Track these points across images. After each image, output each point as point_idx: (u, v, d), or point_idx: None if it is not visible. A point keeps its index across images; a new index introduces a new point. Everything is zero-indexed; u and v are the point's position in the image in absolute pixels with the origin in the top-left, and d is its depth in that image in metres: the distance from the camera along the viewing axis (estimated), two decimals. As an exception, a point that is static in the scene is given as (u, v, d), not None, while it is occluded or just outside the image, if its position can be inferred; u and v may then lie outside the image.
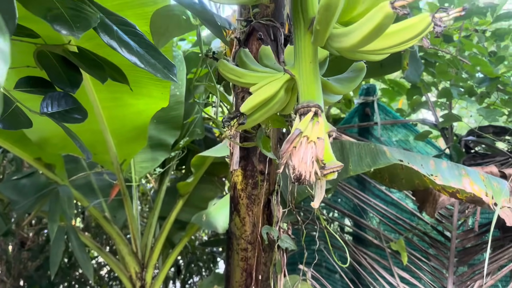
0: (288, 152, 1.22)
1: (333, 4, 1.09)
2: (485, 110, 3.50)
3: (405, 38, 1.18)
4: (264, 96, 1.39)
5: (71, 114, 1.61)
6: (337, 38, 1.22)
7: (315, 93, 1.30)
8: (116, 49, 1.14)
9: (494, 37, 4.13)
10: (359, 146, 2.95)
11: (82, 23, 1.01)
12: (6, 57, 0.53)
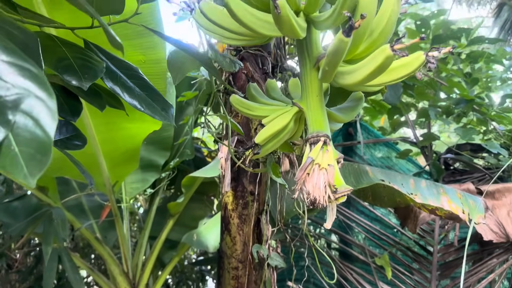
0: (302, 179, 1.35)
1: (340, 50, 1.23)
2: (462, 130, 3.70)
3: (402, 74, 1.33)
4: (276, 128, 1.51)
5: (71, 141, 1.71)
6: (342, 75, 1.36)
7: (323, 124, 1.43)
8: (119, 94, 1.25)
9: (469, 59, 4.36)
10: (343, 165, 3.10)
11: (90, 74, 1.12)
12: (55, 115, 0.65)
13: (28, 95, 0.63)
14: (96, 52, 1.35)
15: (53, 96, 0.65)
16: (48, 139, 0.62)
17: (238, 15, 1.21)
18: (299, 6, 1.34)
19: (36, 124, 0.62)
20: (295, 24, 1.20)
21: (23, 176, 0.59)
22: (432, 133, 3.90)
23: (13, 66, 0.66)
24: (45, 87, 0.65)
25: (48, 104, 0.64)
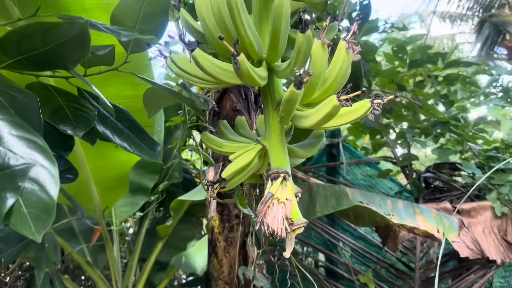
0: (262, 212, 1.48)
1: (293, 100, 1.39)
2: (439, 150, 3.87)
3: (351, 119, 1.50)
4: (242, 163, 1.65)
5: (64, 175, 1.83)
6: (299, 118, 1.51)
7: (283, 161, 1.57)
8: (110, 137, 1.39)
9: (445, 82, 4.57)
10: (325, 188, 3.25)
11: (84, 123, 1.25)
12: (57, 181, 0.78)
13: (34, 164, 0.76)
14: (89, 99, 1.49)
15: (55, 164, 0.79)
16: (52, 202, 0.76)
17: (205, 67, 1.37)
18: (262, 56, 1.50)
19: (41, 190, 0.75)
20: (255, 76, 1.36)
21: (31, 234, 0.72)
22: (410, 153, 4.07)
23: (21, 139, 0.79)
24: (49, 157, 0.78)
25: (51, 172, 0.77)
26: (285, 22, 1.40)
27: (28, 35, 0.98)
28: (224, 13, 1.43)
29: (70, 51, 1.06)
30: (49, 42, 0.98)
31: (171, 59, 1.46)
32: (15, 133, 0.80)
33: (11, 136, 0.79)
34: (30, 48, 0.99)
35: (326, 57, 1.45)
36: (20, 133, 0.80)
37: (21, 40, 0.98)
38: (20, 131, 0.81)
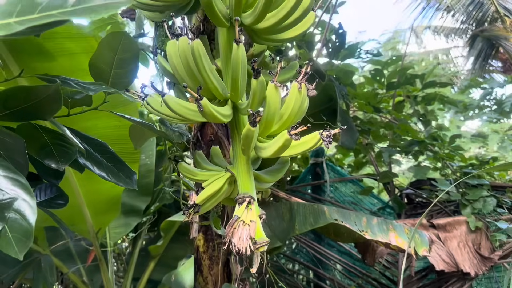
0: (230, 233, 1.69)
1: (250, 136, 1.61)
2: (415, 168, 4.07)
3: (304, 149, 1.72)
4: (213, 190, 1.86)
5: (55, 201, 2.03)
6: (259, 149, 1.73)
7: (249, 187, 1.78)
8: (90, 169, 1.60)
9: (424, 101, 4.79)
10: (304, 206, 3.44)
11: (66, 158, 1.46)
12: (35, 211, 0.98)
13: (17, 198, 0.97)
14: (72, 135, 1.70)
15: (34, 197, 1.00)
16: (31, 228, 0.96)
17: (174, 109, 1.59)
18: (226, 96, 1.72)
19: (22, 218, 0.96)
20: (218, 115, 1.58)
21: (15, 253, 0.93)
22: (388, 172, 4.27)
23: (7, 179, 1.00)
24: (29, 192, 0.99)
25: (31, 204, 0.98)
26: (242, 69, 1.63)
27: (12, 96, 1.20)
28: (191, 62, 1.65)
29: (46, 106, 1.28)
30: (29, 101, 1.21)
31: (146, 102, 1.69)
32: (2, 174, 1.01)
33: None
34: (14, 105, 1.21)
35: (279, 97, 1.68)
36: (6, 173, 1.01)
37: (6, 100, 1.20)
38: (7, 172, 1.02)
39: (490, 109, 11.71)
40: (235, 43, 1.57)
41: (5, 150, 1.18)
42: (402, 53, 5.28)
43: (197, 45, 1.58)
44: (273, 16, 1.72)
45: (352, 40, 20.16)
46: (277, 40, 1.89)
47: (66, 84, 1.28)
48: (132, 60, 1.61)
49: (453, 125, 9.56)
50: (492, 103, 11.99)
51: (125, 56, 1.58)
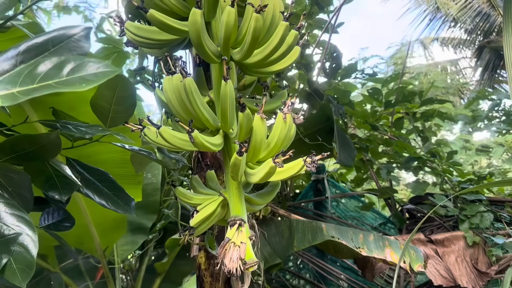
0: (222, 254, 1.81)
1: (237, 164, 1.73)
2: (413, 184, 4.15)
3: (289, 174, 1.84)
4: (206, 213, 1.99)
5: (62, 224, 2.17)
6: (249, 175, 1.85)
7: (240, 210, 1.91)
8: (91, 197, 1.74)
9: (423, 118, 4.88)
10: (303, 224, 3.54)
11: (68, 189, 1.60)
12: (37, 245, 1.11)
13: (21, 233, 1.10)
14: (75, 166, 1.85)
15: (36, 232, 1.13)
16: (33, 260, 1.10)
17: (169, 140, 1.73)
18: (218, 126, 1.86)
19: (26, 251, 1.09)
20: (208, 145, 1.71)
21: (19, 283, 1.06)
22: (387, 187, 4.36)
23: (13, 216, 1.14)
24: (32, 228, 1.13)
25: (33, 238, 1.11)
26: (231, 103, 1.76)
27: (19, 142, 1.35)
28: (184, 97, 1.79)
29: (48, 150, 1.42)
30: (33, 145, 1.35)
31: (144, 133, 1.83)
32: (9, 211, 1.15)
33: (6, 213, 1.14)
34: (20, 150, 1.36)
35: (265, 128, 1.81)
36: (12, 211, 1.15)
37: (13, 145, 1.35)
38: (13, 210, 1.16)
39: (499, 120, 11.66)
40: (223, 79, 1.71)
41: (12, 186, 1.32)
42: (401, 71, 5.38)
43: (189, 82, 1.72)
44: (259, 52, 1.86)
45: (355, 56, 20.20)
46: (265, 73, 2.03)
47: (66, 129, 1.43)
48: (129, 97, 1.75)
49: (459, 140, 9.55)
50: (501, 113, 11.93)
51: (123, 94, 1.73)
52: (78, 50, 1.08)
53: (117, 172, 2.93)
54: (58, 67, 0.92)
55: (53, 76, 0.89)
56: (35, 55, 1.06)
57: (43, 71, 0.89)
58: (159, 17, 1.73)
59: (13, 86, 0.89)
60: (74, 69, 0.91)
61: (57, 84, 0.88)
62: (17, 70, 0.97)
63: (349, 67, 4.32)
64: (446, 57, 27.96)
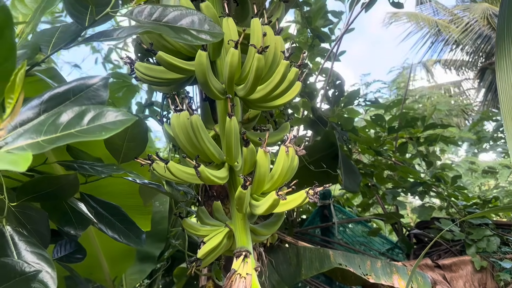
0: (228, 286, 1.86)
1: (242, 197, 1.81)
2: (419, 210, 4.18)
3: (292, 206, 1.91)
4: (213, 245, 2.05)
5: (74, 255, 2.23)
6: (254, 207, 1.92)
7: (246, 241, 1.97)
8: (104, 231, 1.81)
9: (426, 142, 4.94)
10: (311, 251, 3.57)
11: (83, 224, 1.68)
12: (55, 281, 1.18)
13: (41, 271, 1.18)
14: (89, 201, 1.93)
15: (55, 269, 1.20)
16: (52, 295, 1.16)
17: (176, 175, 1.81)
18: (223, 159, 1.94)
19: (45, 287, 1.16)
20: (214, 179, 1.79)
21: (40, 315, 1.12)
22: (393, 213, 4.39)
23: (33, 253, 1.22)
24: (51, 265, 1.20)
25: (52, 275, 1.18)
26: (235, 138, 1.85)
27: (40, 183, 1.44)
28: (190, 133, 1.88)
29: (66, 190, 1.51)
30: (52, 186, 1.44)
31: (153, 168, 1.91)
32: (30, 249, 1.22)
33: (26, 251, 1.21)
34: (41, 190, 1.45)
35: (268, 161, 1.89)
36: (33, 249, 1.23)
37: (35, 185, 1.44)
38: (33, 248, 1.23)
39: (504, 140, 11.68)
40: (228, 116, 1.80)
41: (31, 223, 1.40)
42: (403, 96, 5.48)
43: (196, 120, 1.81)
44: (262, 89, 1.96)
45: (357, 80, 20.34)
46: (268, 107, 2.12)
47: (82, 169, 1.52)
48: (141, 134, 1.85)
49: (465, 162, 9.56)
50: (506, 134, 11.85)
51: (135, 131, 1.82)
52: (97, 99, 1.17)
53: (127, 202, 3.01)
54: (79, 116, 1.00)
55: (75, 125, 0.97)
56: (57, 104, 1.15)
57: (65, 120, 0.97)
58: (167, 59, 1.84)
59: (38, 135, 0.97)
60: (94, 118, 1.00)
61: (79, 132, 0.96)
62: (42, 120, 1.05)
63: (351, 94, 4.42)
64: (449, 79, 28.07)
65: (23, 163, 0.80)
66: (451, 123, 16.73)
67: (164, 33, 1.34)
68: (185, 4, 1.78)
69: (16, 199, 1.40)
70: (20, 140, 1.00)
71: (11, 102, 0.94)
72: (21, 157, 0.82)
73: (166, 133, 2.16)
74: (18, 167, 0.78)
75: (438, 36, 22.65)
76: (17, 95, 0.93)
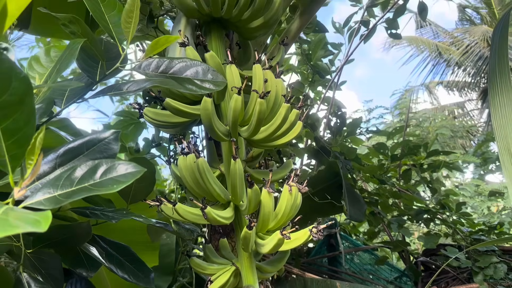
0: None
1: (247, 237, 1.86)
2: (424, 238, 4.19)
3: (296, 244, 1.96)
4: (220, 283, 2.10)
5: (84, 294, 2.27)
6: (259, 246, 1.98)
7: (252, 279, 2.02)
8: (114, 271, 1.86)
9: (430, 168, 4.97)
10: (318, 283, 3.58)
11: (94, 266, 1.74)
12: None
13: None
14: (99, 242, 1.99)
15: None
16: None
17: (183, 216, 1.88)
18: (228, 199, 2.00)
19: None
20: (220, 219, 1.85)
21: None
22: (399, 241, 4.39)
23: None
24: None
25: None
26: (240, 179, 1.92)
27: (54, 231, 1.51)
28: (197, 175, 1.95)
29: (80, 237, 1.58)
30: (66, 234, 1.51)
31: (160, 209, 1.98)
32: None
33: None
34: (55, 237, 1.52)
35: (272, 201, 1.95)
36: None
37: (50, 233, 1.51)
38: None
39: (510, 161, 11.59)
40: (232, 158, 1.88)
41: (45, 268, 1.46)
42: (405, 123, 5.55)
43: (202, 162, 1.89)
44: (265, 130, 2.04)
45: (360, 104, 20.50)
46: (271, 146, 2.20)
47: (94, 215, 1.59)
48: (149, 176, 1.92)
49: (471, 186, 9.53)
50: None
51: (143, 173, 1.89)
52: (108, 152, 1.25)
53: (136, 238, 3.06)
54: (92, 171, 1.08)
55: (88, 179, 1.05)
56: (71, 158, 1.23)
57: (80, 175, 1.05)
58: (174, 105, 1.93)
59: (55, 190, 1.05)
60: (106, 171, 1.07)
61: (92, 186, 1.04)
62: (58, 174, 1.13)
63: (353, 123, 4.49)
64: (452, 100, 28.16)
65: (44, 223, 0.87)
66: (456, 145, 16.79)
67: (170, 86, 1.43)
68: (191, 54, 1.88)
69: (32, 246, 1.46)
70: (39, 195, 1.07)
71: (31, 164, 1.02)
72: (42, 216, 0.89)
73: (173, 173, 2.23)
74: (39, 227, 0.85)
75: (440, 58, 22.92)
76: (36, 157, 1.01)
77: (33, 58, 1.49)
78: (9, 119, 0.94)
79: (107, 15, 1.55)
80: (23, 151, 1.01)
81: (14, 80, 0.90)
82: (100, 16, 1.51)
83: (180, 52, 1.98)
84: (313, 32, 4.47)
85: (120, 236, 2.29)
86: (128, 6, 1.45)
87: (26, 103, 0.99)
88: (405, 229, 4.20)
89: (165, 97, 1.96)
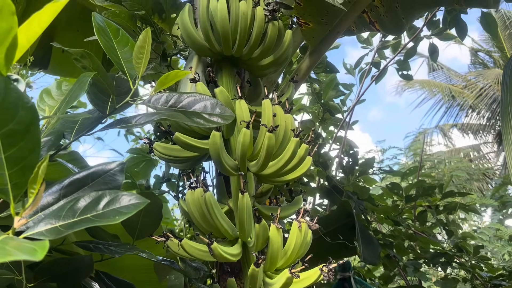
0: None
1: (254, 275, 1.81)
2: (442, 282, 4.02)
3: (307, 284, 1.89)
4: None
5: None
6: (267, 285, 1.92)
7: None
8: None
9: (445, 210, 4.84)
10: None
11: (100, 303, 1.70)
12: None
13: None
14: (104, 279, 1.95)
15: None
16: None
17: (189, 252, 1.84)
18: (236, 235, 1.96)
19: None
20: (227, 256, 1.81)
21: None
22: (416, 285, 4.22)
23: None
24: None
25: None
26: (248, 214, 1.89)
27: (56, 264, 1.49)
28: (204, 209, 1.92)
29: (81, 271, 1.55)
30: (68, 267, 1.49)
31: (167, 245, 1.94)
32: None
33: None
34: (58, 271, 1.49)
35: (280, 238, 1.90)
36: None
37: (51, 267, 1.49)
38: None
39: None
40: (240, 192, 1.85)
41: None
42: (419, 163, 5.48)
43: (209, 197, 1.87)
44: (274, 165, 2.02)
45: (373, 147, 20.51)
46: (280, 181, 2.17)
47: (98, 249, 1.56)
48: (155, 211, 1.90)
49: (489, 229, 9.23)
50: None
51: (150, 208, 1.88)
52: (113, 183, 1.24)
53: (141, 278, 2.99)
54: (96, 202, 1.06)
55: (91, 210, 1.03)
56: (76, 189, 1.23)
57: (82, 206, 1.03)
58: (184, 139, 1.94)
59: (56, 221, 1.03)
60: (109, 203, 1.05)
61: (94, 217, 1.02)
62: (61, 205, 1.12)
63: (366, 162, 4.45)
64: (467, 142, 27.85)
65: (40, 252, 0.85)
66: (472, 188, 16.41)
67: (178, 120, 1.43)
68: (201, 90, 1.91)
69: (34, 280, 1.43)
70: (40, 225, 1.06)
71: (33, 192, 1.01)
72: (38, 246, 0.87)
73: (181, 209, 2.21)
74: (35, 256, 0.83)
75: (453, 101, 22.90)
76: (39, 186, 1.01)
77: (44, 91, 1.52)
78: (14, 148, 0.94)
79: (119, 51, 1.59)
80: (26, 180, 1.00)
81: (21, 109, 0.91)
82: (112, 52, 1.55)
83: (191, 89, 2.01)
84: (324, 73, 4.52)
85: (126, 274, 2.24)
86: (140, 42, 1.48)
87: (32, 132, 0.99)
88: (421, 273, 4.05)
89: (175, 131, 1.97)
